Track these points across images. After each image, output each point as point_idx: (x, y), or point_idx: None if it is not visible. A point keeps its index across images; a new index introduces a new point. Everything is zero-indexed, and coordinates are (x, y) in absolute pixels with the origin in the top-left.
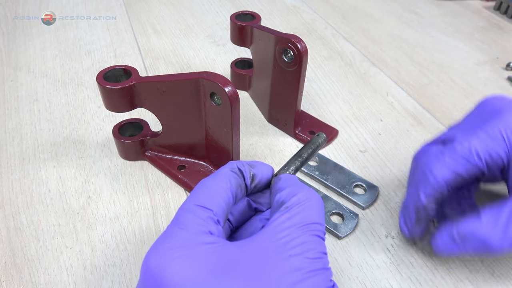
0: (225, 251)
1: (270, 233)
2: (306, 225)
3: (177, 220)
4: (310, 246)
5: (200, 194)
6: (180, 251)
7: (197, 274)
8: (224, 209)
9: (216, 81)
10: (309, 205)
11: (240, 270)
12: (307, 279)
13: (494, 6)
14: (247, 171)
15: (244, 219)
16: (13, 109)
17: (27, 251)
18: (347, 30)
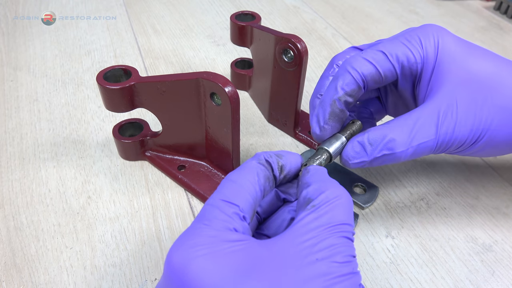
0: (249, 251)
1: (296, 234)
2: (334, 226)
3: (202, 216)
4: (339, 249)
5: (226, 189)
6: (203, 249)
7: (220, 273)
8: (251, 204)
9: (216, 81)
10: (338, 203)
11: (264, 273)
12: (335, 285)
13: (494, 6)
14: (275, 162)
15: (272, 210)
16: (13, 109)
17: (27, 251)
18: (347, 30)
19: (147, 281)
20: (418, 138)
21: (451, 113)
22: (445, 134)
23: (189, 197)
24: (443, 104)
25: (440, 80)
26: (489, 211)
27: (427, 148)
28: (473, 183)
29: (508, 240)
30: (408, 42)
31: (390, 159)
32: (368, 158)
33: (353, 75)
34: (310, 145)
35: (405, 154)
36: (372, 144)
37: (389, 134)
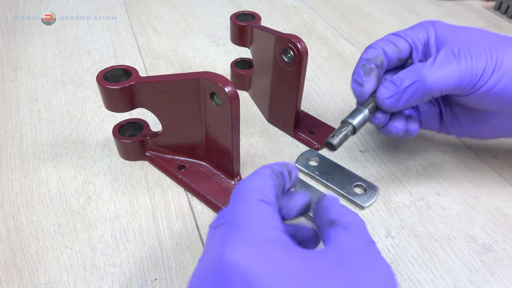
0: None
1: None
2: (368, 242)
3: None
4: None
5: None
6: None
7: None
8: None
9: (216, 81)
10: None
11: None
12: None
13: (494, 6)
14: (285, 171)
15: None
16: (13, 109)
17: (27, 251)
18: (347, 30)
19: (147, 281)
20: (442, 65)
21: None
22: (465, 64)
23: (189, 197)
24: (454, 46)
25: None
26: (489, 211)
27: (452, 75)
28: (473, 183)
29: (508, 240)
30: (412, 27)
31: (421, 87)
32: (398, 89)
33: (373, 47)
34: (310, 145)
35: (434, 78)
36: (401, 77)
37: (415, 66)
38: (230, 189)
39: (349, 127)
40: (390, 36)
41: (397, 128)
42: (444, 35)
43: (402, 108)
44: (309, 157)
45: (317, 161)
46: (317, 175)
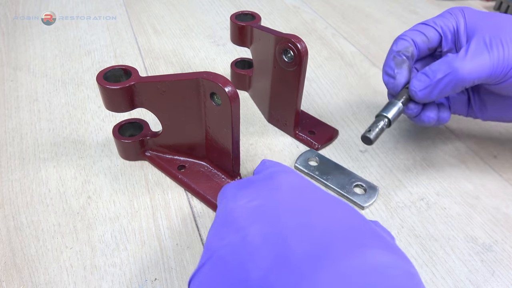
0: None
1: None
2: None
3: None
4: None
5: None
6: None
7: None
8: None
9: (216, 81)
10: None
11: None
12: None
13: (494, 6)
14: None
15: None
16: (13, 109)
17: (27, 251)
18: (347, 30)
19: (147, 281)
20: (475, 57)
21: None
22: (498, 54)
23: (189, 197)
24: (485, 36)
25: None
26: (489, 211)
27: (485, 66)
28: (473, 183)
29: (508, 240)
30: (441, 15)
31: (454, 78)
32: (431, 81)
33: (403, 38)
34: (310, 145)
35: (466, 70)
36: (434, 69)
37: (447, 58)
38: None
39: (385, 120)
40: (419, 25)
41: (429, 118)
42: (474, 23)
43: (434, 99)
44: (309, 157)
45: (317, 161)
46: (317, 175)
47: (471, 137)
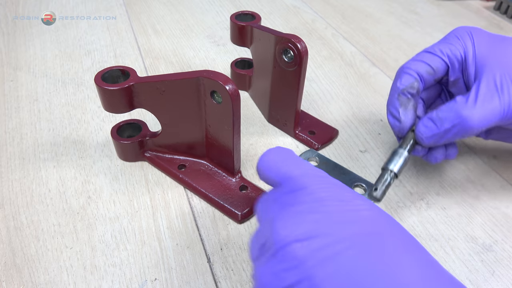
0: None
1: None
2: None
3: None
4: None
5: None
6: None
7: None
8: None
9: (217, 79)
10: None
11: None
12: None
13: (494, 6)
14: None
15: None
16: (13, 109)
17: (27, 251)
18: (347, 30)
19: (147, 281)
20: (484, 104)
21: (506, 77)
22: (509, 97)
23: (189, 197)
24: (496, 74)
25: (483, 60)
26: (489, 211)
27: (495, 113)
28: (473, 183)
29: (508, 240)
30: (448, 40)
31: (462, 129)
32: (438, 130)
33: (408, 72)
34: (310, 145)
35: (476, 120)
36: (441, 117)
37: (456, 106)
38: (232, 186)
39: (391, 175)
40: (424, 54)
41: (436, 159)
42: (484, 53)
43: (442, 144)
44: (309, 157)
45: (317, 161)
46: None
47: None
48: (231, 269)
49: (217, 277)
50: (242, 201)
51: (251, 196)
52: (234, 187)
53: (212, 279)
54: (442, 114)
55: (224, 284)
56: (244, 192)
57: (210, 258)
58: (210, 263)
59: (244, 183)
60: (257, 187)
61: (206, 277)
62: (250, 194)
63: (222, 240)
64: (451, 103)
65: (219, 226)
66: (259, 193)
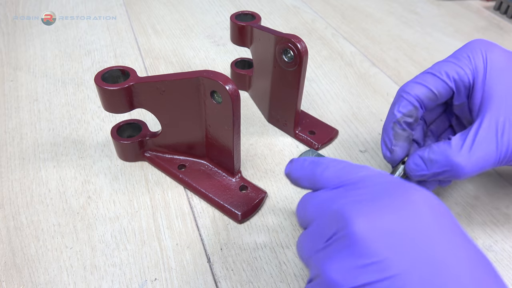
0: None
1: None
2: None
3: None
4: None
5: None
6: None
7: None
8: None
9: (217, 79)
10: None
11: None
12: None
13: (494, 6)
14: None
15: None
16: (13, 109)
17: (27, 251)
18: (347, 30)
19: (147, 281)
20: (479, 152)
21: (510, 122)
22: (508, 145)
23: (189, 197)
24: (500, 115)
25: (492, 91)
26: (489, 211)
27: (489, 162)
28: (473, 183)
29: (508, 240)
30: (457, 60)
31: (452, 176)
32: (428, 171)
33: (407, 98)
34: (310, 145)
35: (466, 170)
36: (432, 160)
37: (448, 150)
38: (232, 186)
39: None
40: (427, 77)
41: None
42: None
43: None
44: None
45: None
46: None
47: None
48: (231, 269)
49: (217, 277)
50: (242, 201)
51: (251, 196)
52: (234, 187)
53: (212, 279)
54: (434, 156)
55: (224, 284)
56: (244, 192)
57: (210, 258)
58: (210, 263)
59: (244, 183)
60: (257, 187)
61: (206, 277)
62: (250, 194)
63: (222, 240)
64: (444, 145)
65: (219, 226)
66: (259, 193)
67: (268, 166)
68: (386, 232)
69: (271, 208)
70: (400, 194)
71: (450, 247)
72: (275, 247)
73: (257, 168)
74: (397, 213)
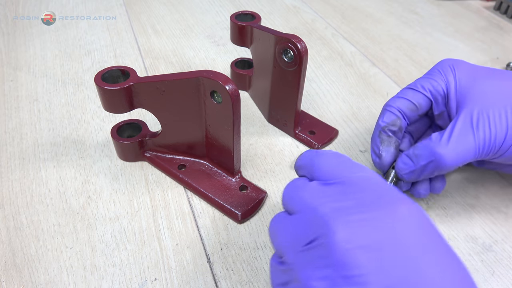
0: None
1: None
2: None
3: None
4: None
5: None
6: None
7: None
8: None
9: (217, 79)
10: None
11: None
12: None
13: (494, 6)
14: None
15: None
16: (13, 109)
17: (27, 251)
18: (347, 30)
19: (147, 281)
20: (459, 141)
21: (483, 114)
22: (484, 135)
23: (189, 197)
24: (474, 110)
25: (464, 95)
26: (489, 211)
27: (469, 151)
28: (473, 183)
29: (508, 240)
30: (431, 75)
31: (437, 166)
32: (415, 167)
33: (390, 110)
34: (310, 145)
35: (449, 158)
36: (417, 155)
37: (430, 143)
38: (232, 186)
39: None
40: (407, 91)
41: (420, 194)
42: (464, 89)
43: (422, 179)
44: None
45: None
46: None
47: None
48: (231, 269)
49: (217, 277)
50: (242, 201)
51: (251, 196)
52: (234, 187)
53: (212, 279)
54: (418, 152)
55: (224, 284)
56: (244, 192)
57: (210, 258)
58: (210, 263)
59: (244, 183)
60: (257, 187)
61: (206, 277)
62: (250, 194)
63: (222, 240)
64: (426, 141)
65: (219, 226)
66: (259, 193)
67: (268, 166)
68: (367, 246)
69: (271, 208)
70: (387, 205)
71: (433, 264)
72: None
73: (257, 168)
74: (381, 227)
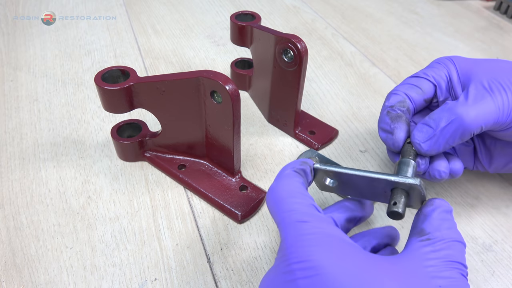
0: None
1: (416, 259)
2: (452, 262)
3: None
4: (458, 283)
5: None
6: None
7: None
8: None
9: (217, 79)
10: (452, 244)
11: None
12: None
13: (494, 6)
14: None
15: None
16: (13, 109)
17: (27, 251)
18: (347, 30)
19: (147, 281)
20: (477, 101)
21: (494, 82)
22: (499, 94)
23: (189, 197)
24: (483, 79)
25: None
26: (489, 211)
27: (490, 109)
28: (473, 183)
29: (508, 240)
30: (431, 67)
31: (459, 127)
32: (435, 131)
33: (396, 92)
34: (310, 145)
35: (471, 115)
36: (436, 118)
37: (449, 105)
38: (232, 186)
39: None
40: (410, 79)
41: (440, 172)
42: (467, 69)
43: (442, 150)
44: (309, 157)
45: (317, 161)
46: None
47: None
48: (231, 269)
49: (217, 277)
50: (242, 201)
51: (251, 196)
52: (234, 187)
53: (212, 279)
54: (436, 116)
55: (224, 284)
56: (244, 192)
57: (210, 258)
58: (210, 263)
59: (244, 183)
60: (257, 187)
61: (206, 277)
62: (250, 194)
63: (222, 240)
64: (443, 106)
65: (219, 226)
66: (259, 193)
67: (268, 166)
68: None
69: None
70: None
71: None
72: (275, 247)
73: (257, 168)
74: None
